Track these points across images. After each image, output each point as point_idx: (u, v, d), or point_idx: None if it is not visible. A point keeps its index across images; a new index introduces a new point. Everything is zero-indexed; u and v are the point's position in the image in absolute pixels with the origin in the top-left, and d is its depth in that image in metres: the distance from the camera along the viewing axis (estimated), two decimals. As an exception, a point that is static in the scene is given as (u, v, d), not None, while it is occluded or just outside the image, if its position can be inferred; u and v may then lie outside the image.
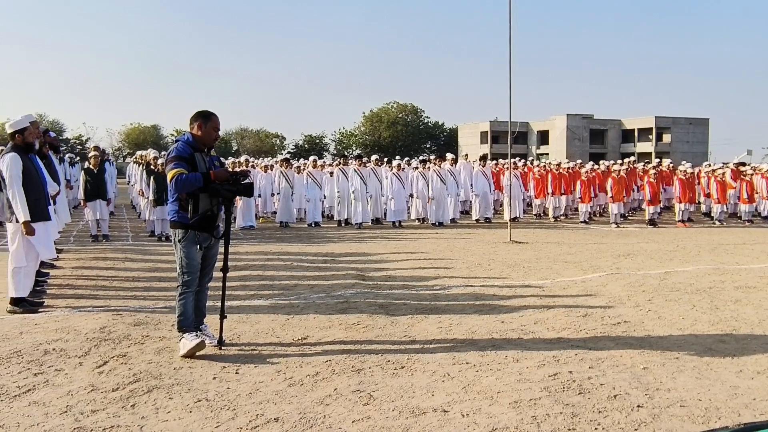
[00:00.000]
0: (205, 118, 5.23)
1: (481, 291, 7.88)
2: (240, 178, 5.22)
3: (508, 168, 16.62)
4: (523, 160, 24.59)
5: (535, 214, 20.17)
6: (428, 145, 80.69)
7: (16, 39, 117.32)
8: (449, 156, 18.80)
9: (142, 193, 15.13)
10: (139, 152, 19.71)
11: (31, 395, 4.29)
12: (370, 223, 16.99)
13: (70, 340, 5.57)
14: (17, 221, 6.67)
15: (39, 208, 6.81)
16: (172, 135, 75.41)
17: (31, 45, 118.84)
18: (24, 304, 6.74)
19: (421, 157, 26.15)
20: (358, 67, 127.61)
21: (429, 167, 17.85)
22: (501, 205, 20.90)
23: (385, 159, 20.47)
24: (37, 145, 7.50)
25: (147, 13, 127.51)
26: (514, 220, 16.64)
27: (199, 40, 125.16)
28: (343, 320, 6.36)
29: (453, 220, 17.98)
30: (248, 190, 5.27)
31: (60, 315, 6.58)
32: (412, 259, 10.78)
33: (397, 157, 24.08)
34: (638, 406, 4.08)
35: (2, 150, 9.47)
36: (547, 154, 66.93)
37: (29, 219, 6.64)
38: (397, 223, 16.83)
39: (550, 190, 19.25)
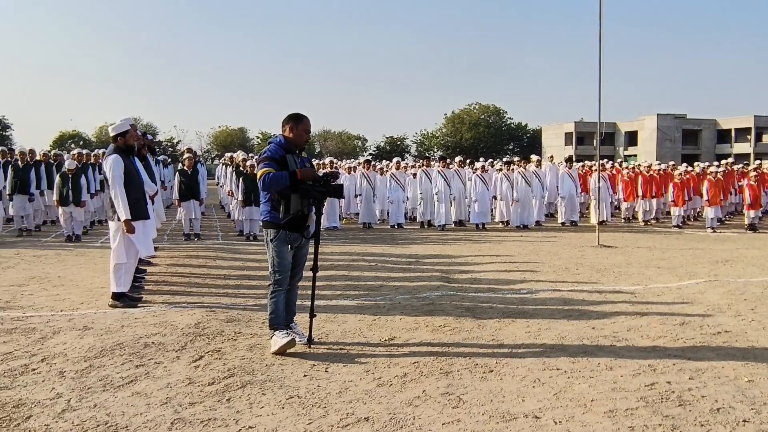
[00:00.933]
0: (297, 120, 5.34)
1: (570, 296, 7.69)
2: (330, 179, 5.29)
3: (595, 170, 16.17)
4: (610, 162, 23.87)
5: (624, 218, 19.51)
6: (511, 147, 79.60)
7: (111, 43, 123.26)
8: (534, 157, 18.47)
9: (232, 193, 15.60)
10: (228, 154, 20.32)
11: (133, 386, 4.48)
12: (453, 225, 16.90)
13: (167, 335, 5.80)
14: (119, 220, 7.00)
15: (139, 208, 7.13)
16: (258, 137, 77.50)
17: (126, 49, 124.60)
18: (124, 299, 7.06)
19: (505, 159, 25.80)
20: (440, 67, 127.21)
21: (513, 169, 17.61)
22: (587, 208, 20.35)
23: (468, 161, 20.30)
24: (136, 147, 7.83)
25: (231, 19, 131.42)
26: (601, 223, 16.17)
27: (283, 43, 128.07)
28: (429, 322, 6.34)
29: (538, 223, 17.66)
30: (338, 192, 5.33)
31: (157, 310, 6.86)
32: (497, 261, 10.64)
33: (482, 159, 23.84)
34: (744, 421, 3.87)
35: (104, 152, 9.98)
36: (635, 155, 64.72)
37: (130, 218, 6.96)
38: (480, 226, 16.66)
39: (640, 193, 18.58)
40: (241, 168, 14.47)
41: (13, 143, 56.95)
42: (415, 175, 18.05)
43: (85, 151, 17.18)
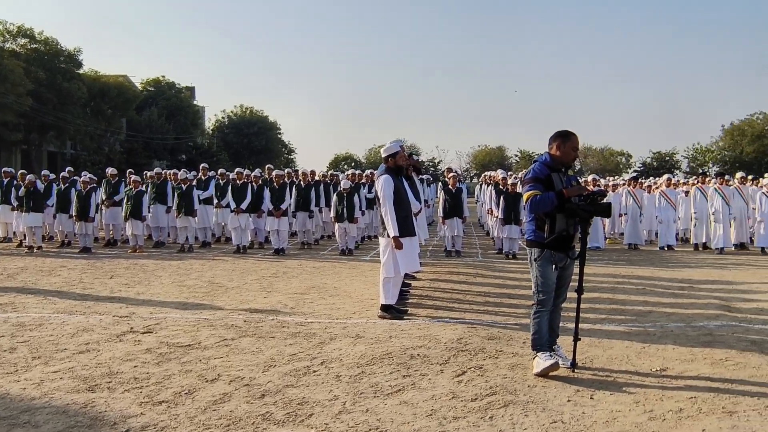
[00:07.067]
0: (564, 138, 5.22)
1: None
2: (597, 197, 5.08)
3: None
4: None
5: None
6: (804, 160, 69.41)
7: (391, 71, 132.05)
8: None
9: (491, 211, 15.76)
10: (487, 173, 20.60)
11: (401, 395, 4.70)
12: (733, 248, 15.22)
13: (431, 348, 6.00)
14: (388, 236, 7.44)
15: (406, 225, 7.51)
16: (516, 155, 77.57)
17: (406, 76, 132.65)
18: (392, 311, 7.47)
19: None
20: (716, 73, 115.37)
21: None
22: None
23: (751, 177, 18.16)
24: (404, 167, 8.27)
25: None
26: None
27: (531, 59, 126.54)
28: (707, 354, 5.76)
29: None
30: (606, 210, 5.09)
31: (422, 323, 7.14)
32: (790, 291, 9.33)
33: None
34: None
35: (373, 172, 10.71)
36: None
37: (398, 234, 7.36)
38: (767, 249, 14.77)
39: None
40: (501, 186, 14.58)
41: (296, 165, 63.98)
42: (687, 192, 16.66)
43: (357, 172, 18.63)
